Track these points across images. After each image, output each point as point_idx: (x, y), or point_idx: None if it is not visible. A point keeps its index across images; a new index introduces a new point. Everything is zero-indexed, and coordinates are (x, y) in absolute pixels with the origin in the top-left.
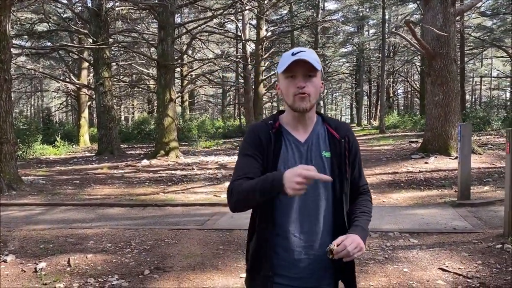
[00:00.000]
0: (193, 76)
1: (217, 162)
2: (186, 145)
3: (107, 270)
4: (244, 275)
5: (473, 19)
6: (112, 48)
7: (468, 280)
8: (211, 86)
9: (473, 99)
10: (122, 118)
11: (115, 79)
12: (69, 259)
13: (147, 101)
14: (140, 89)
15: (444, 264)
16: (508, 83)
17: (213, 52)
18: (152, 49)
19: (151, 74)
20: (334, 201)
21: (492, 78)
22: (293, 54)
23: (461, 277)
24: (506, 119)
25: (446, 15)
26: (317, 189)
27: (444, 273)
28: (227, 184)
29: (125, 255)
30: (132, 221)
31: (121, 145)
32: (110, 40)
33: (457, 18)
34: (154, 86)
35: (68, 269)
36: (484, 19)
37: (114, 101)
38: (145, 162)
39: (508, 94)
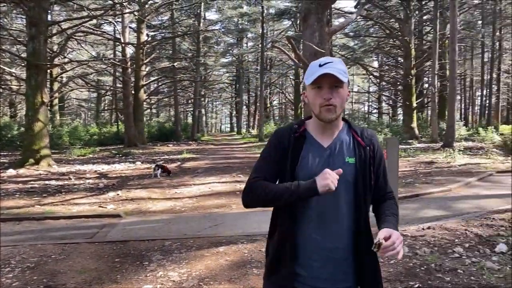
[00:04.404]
0: (64, 79)
1: (96, 171)
2: (57, 153)
3: None
4: (147, 286)
5: (339, 39)
6: None
7: None
8: (86, 89)
9: None
10: None
11: None
12: None
13: (9, 104)
14: (0, 91)
15: None
16: (366, 98)
17: (88, 53)
18: (19, 46)
19: (14, 74)
20: (356, 205)
21: (354, 93)
22: (320, 66)
23: None
24: None
25: (322, 33)
26: (337, 193)
27: None
28: (111, 194)
29: (6, 275)
30: (6, 237)
31: None
32: None
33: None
34: (18, 87)
35: None
36: (348, 40)
37: None
38: (11, 171)
39: (366, 108)
